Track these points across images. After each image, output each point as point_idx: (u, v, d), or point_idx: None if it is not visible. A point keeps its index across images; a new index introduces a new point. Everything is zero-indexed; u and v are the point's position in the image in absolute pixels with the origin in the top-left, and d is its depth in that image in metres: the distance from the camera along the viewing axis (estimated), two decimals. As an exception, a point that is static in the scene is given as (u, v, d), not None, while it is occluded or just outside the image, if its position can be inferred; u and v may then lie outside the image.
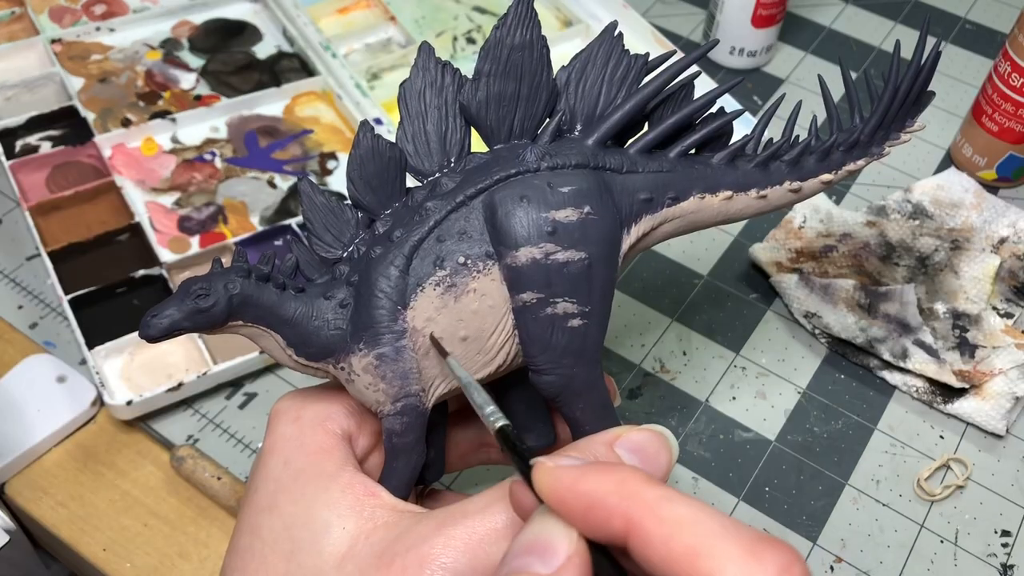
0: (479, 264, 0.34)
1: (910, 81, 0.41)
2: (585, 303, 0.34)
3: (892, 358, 0.55)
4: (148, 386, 0.52)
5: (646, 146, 0.37)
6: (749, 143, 0.39)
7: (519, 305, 0.34)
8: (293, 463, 0.34)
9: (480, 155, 0.36)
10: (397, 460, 0.35)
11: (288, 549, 0.32)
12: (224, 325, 0.34)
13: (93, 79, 0.68)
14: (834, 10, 0.80)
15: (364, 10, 0.75)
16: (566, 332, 0.34)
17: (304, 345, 0.34)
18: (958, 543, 0.50)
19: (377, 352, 0.33)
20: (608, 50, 0.36)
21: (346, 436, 0.36)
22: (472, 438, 0.42)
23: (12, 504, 0.50)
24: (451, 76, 0.35)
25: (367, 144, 0.35)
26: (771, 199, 0.40)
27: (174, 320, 0.32)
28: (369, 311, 0.33)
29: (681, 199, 0.38)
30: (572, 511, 0.26)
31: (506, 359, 0.35)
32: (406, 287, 0.33)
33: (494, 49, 0.34)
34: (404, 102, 0.35)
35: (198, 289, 0.33)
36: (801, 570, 0.23)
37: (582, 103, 0.36)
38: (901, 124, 0.43)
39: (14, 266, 0.59)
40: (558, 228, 0.34)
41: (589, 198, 0.34)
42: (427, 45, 0.35)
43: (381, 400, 0.34)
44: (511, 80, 0.35)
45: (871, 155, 0.42)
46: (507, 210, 0.33)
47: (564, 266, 0.34)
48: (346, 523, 0.32)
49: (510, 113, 0.35)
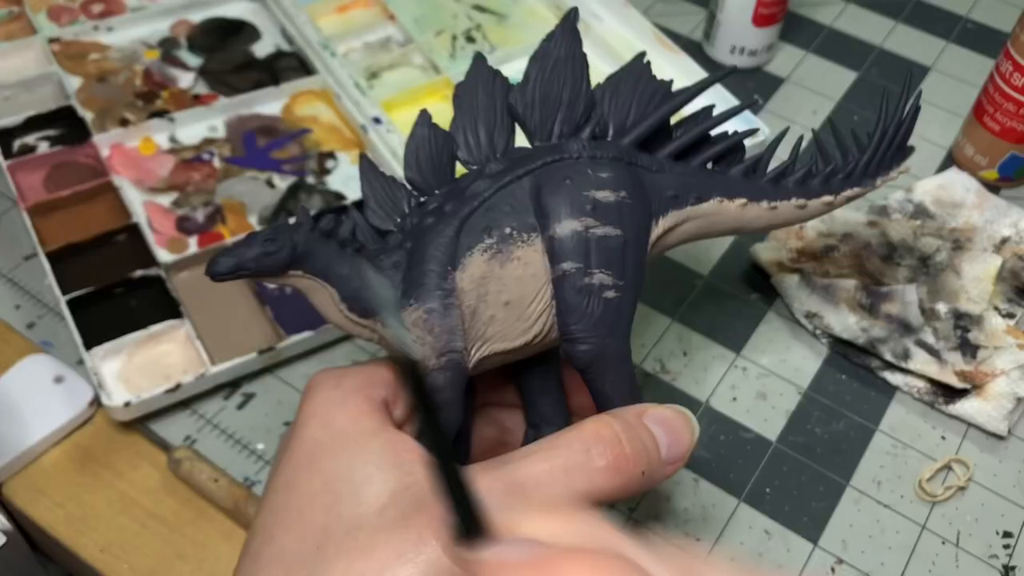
0: (524, 235, 0.37)
1: (894, 130, 0.47)
2: (620, 277, 0.37)
3: (893, 358, 0.55)
4: (146, 387, 0.52)
5: (672, 153, 0.41)
6: (760, 162, 0.44)
7: (559, 275, 0.37)
8: (333, 424, 0.35)
9: (525, 148, 0.39)
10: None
11: (328, 502, 0.33)
12: (285, 273, 0.36)
13: (91, 78, 0.68)
14: (835, 9, 0.80)
15: (363, 9, 0.75)
16: (602, 303, 0.37)
17: (357, 300, 0.36)
18: (960, 544, 0.50)
19: (427, 307, 0.36)
20: (638, 74, 0.41)
21: (384, 403, 0.36)
22: (492, 437, 0.43)
23: (9, 505, 0.50)
24: (501, 81, 0.39)
25: (423, 131, 0.38)
26: (780, 212, 0.44)
27: (241, 260, 0.35)
28: (422, 270, 0.36)
29: (703, 200, 0.42)
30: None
31: (542, 329, 0.38)
32: (456, 250, 0.36)
33: (542, 59, 0.39)
34: (458, 101, 0.39)
35: (266, 235, 0.35)
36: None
37: (615, 114, 0.41)
38: (889, 165, 0.48)
39: (11, 266, 0.59)
40: (598, 206, 0.37)
41: (624, 184, 0.38)
42: (481, 55, 0.40)
43: (427, 354, 0.36)
44: (555, 86, 0.39)
45: (864, 185, 0.47)
46: (552, 188, 0.37)
47: (602, 240, 0.37)
48: (387, 476, 0.33)
49: (552, 115, 0.39)
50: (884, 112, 0.47)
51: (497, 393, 0.44)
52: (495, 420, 0.43)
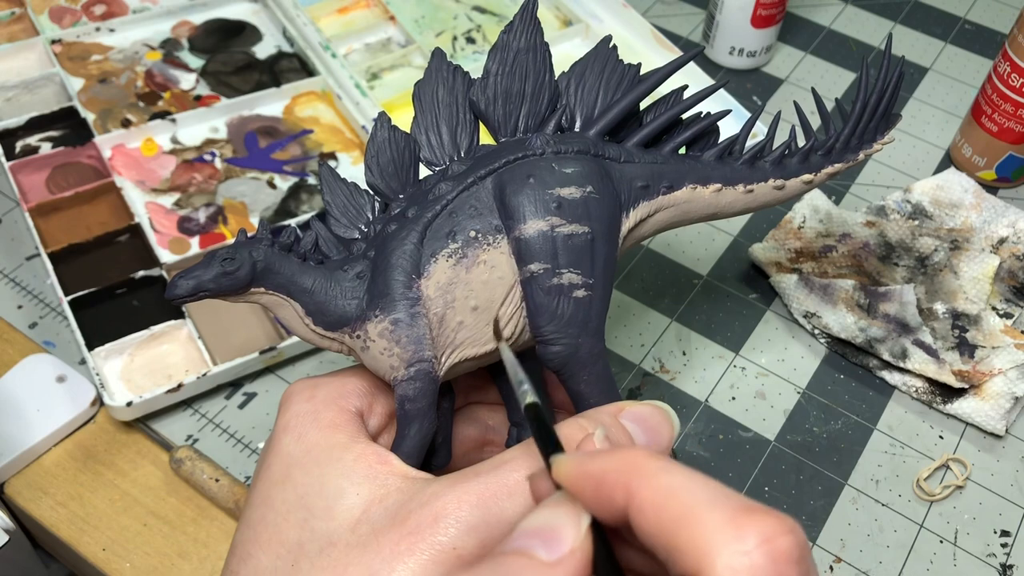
0: (489, 237, 0.36)
1: (877, 98, 0.45)
2: (589, 275, 0.36)
3: (891, 358, 0.55)
4: (148, 387, 0.52)
5: (641, 140, 0.40)
6: (736, 144, 0.42)
7: (527, 276, 0.36)
8: (307, 437, 0.35)
9: (489, 146, 0.38)
10: (409, 427, 0.36)
11: (302, 517, 0.33)
12: (246, 291, 0.36)
13: (93, 80, 0.68)
14: (834, 10, 0.80)
15: (364, 10, 0.75)
16: (572, 302, 0.36)
17: (322, 314, 0.36)
18: (957, 543, 0.50)
19: (393, 317, 0.35)
20: (604, 59, 0.40)
21: (359, 413, 0.36)
22: (475, 436, 0.43)
23: (11, 504, 0.50)
24: (462, 77, 0.38)
25: (383, 134, 0.37)
26: (757, 194, 0.43)
27: (200, 281, 0.34)
28: (386, 280, 0.35)
29: (675, 188, 0.40)
30: (584, 492, 0.26)
31: (514, 331, 0.37)
32: (420, 257, 0.35)
33: (501, 51, 0.38)
34: (418, 99, 0.38)
35: (224, 254, 0.35)
36: (788, 542, 0.22)
37: (581, 104, 0.39)
38: (872, 136, 0.46)
39: (14, 266, 0.59)
40: (563, 203, 0.36)
41: (591, 179, 0.37)
42: (440, 51, 0.38)
43: (395, 365, 0.35)
44: (517, 79, 0.38)
45: (846, 160, 0.45)
46: (515, 188, 0.36)
47: (569, 238, 0.36)
48: (360, 489, 0.33)
49: (516, 109, 0.38)
50: (864, 81, 0.45)
51: (480, 392, 0.43)
52: (478, 419, 0.43)
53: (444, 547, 0.30)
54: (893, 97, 0.46)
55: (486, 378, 0.43)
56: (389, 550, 0.31)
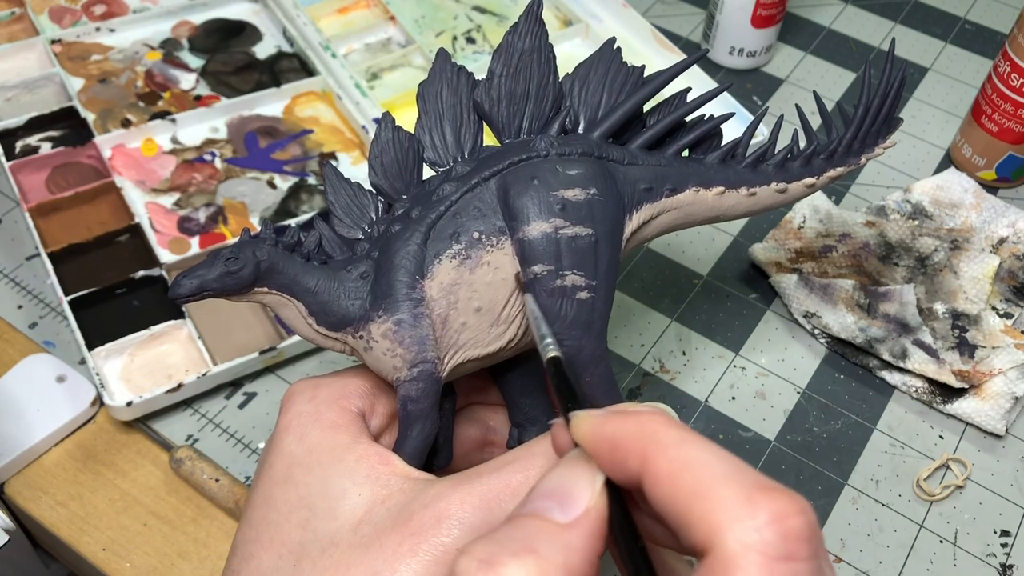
0: (492, 239, 0.36)
1: (879, 101, 0.45)
2: (592, 277, 0.36)
3: (891, 358, 0.55)
4: (148, 387, 0.52)
5: (644, 143, 0.40)
6: (738, 147, 0.42)
7: (530, 278, 0.36)
8: (308, 438, 0.35)
9: (492, 147, 0.38)
10: (412, 428, 0.36)
11: (304, 517, 0.33)
12: (250, 291, 0.36)
13: (93, 79, 0.68)
14: (834, 10, 0.80)
15: (364, 10, 0.75)
16: (575, 304, 0.36)
17: (325, 314, 0.36)
18: (957, 543, 0.50)
19: (396, 318, 0.35)
20: (608, 61, 0.40)
21: (360, 414, 0.36)
22: (476, 437, 0.43)
23: (12, 504, 0.50)
24: (466, 78, 0.38)
25: (388, 135, 0.37)
26: (760, 198, 0.43)
27: (204, 280, 0.34)
28: (389, 280, 0.35)
29: (678, 191, 0.40)
30: (599, 453, 0.26)
31: (516, 333, 0.37)
32: (424, 258, 0.35)
33: (506, 52, 0.38)
34: (422, 100, 0.38)
35: (227, 253, 0.35)
36: (799, 522, 0.23)
37: (585, 105, 0.39)
38: (875, 140, 0.46)
39: (14, 266, 0.59)
40: (567, 205, 0.36)
41: (595, 181, 0.37)
42: (444, 51, 0.38)
43: (398, 366, 0.35)
44: (521, 81, 0.38)
45: (848, 164, 0.45)
46: (519, 189, 0.36)
47: (572, 240, 0.36)
48: (362, 490, 0.33)
49: (520, 111, 0.38)
50: (867, 84, 0.44)
51: (481, 392, 0.43)
52: (480, 419, 0.43)
53: (447, 548, 0.30)
54: (895, 101, 0.46)
55: (487, 379, 0.43)
56: (391, 551, 0.31)
